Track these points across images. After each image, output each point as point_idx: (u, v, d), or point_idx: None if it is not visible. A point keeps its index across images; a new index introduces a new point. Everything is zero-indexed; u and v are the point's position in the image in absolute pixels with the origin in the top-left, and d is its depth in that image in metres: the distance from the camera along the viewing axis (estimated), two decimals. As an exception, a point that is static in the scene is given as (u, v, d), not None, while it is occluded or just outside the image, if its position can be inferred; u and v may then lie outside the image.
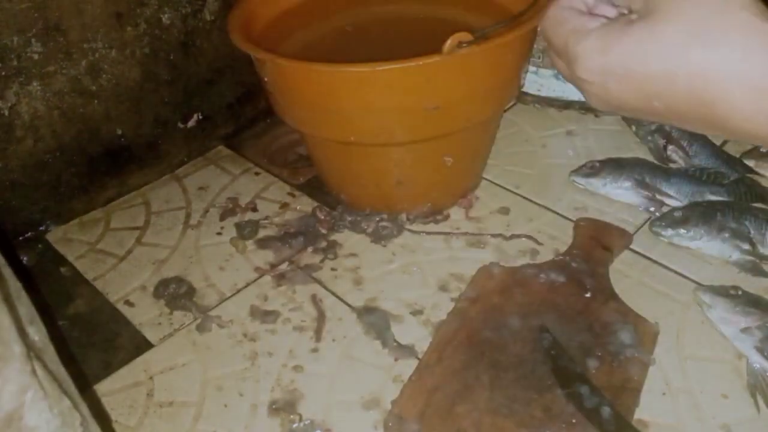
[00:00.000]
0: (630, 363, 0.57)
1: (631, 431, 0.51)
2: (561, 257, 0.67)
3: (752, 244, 0.66)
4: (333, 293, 0.67)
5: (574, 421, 0.52)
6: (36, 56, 0.68)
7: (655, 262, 0.68)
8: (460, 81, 0.60)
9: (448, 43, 0.55)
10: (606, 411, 0.52)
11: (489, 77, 0.62)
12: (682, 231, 0.68)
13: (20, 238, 0.75)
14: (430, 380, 0.56)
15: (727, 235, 0.67)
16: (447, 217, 0.74)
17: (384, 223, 0.73)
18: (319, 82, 0.61)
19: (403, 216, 0.73)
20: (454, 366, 0.57)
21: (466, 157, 0.73)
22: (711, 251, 0.68)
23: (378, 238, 0.72)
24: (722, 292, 0.61)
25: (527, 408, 0.53)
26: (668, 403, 0.55)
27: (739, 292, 0.61)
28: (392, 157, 0.68)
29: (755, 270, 0.66)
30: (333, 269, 0.69)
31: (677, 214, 0.69)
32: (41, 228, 0.76)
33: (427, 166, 0.70)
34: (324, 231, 0.74)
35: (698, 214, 0.68)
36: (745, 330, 0.58)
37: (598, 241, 0.68)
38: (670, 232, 0.68)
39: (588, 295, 0.62)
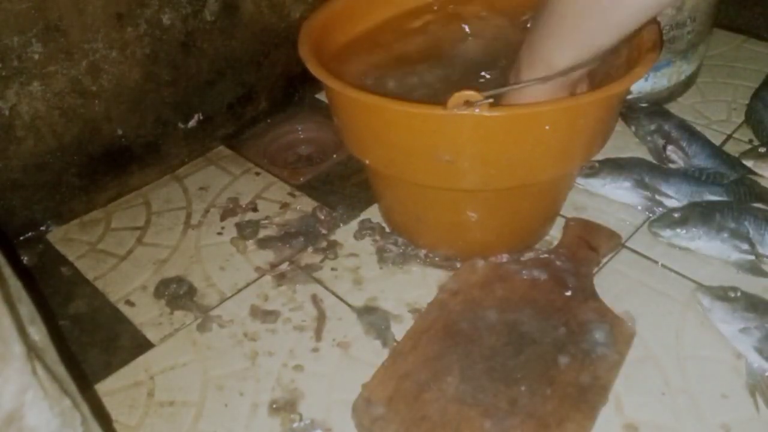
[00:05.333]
0: (600, 361, 0.57)
1: None
2: (546, 255, 0.67)
3: (751, 244, 0.66)
4: (333, 293, 0.67)
5: (537, 414, 0.53)
6: (36, 56, 0.68)
7: (655, 262, 0.68)
8: (470, 139, 0.55)
9: (451, 99, 0.52)
10: None
11: (508, 144, 0.56)
12: (680, 231, 0.68)
13: (21, 238, 0.75)
14: (402, 367, 0.57)
15: (726, 235, 0.67)
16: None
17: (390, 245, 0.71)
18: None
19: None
20: (427, 354, 0.58)
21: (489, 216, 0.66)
22: (710, 251, 0.68)
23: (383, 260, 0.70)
24: (721, 294, 0.61)
25: (493, 399, 0.54)
26: (668, 403, 0.56)
27: (738, 294, 0.61)
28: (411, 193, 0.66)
29: (754, 270, 0.66)
30: (333, 269, 0.69)
31: (676, 214, 0.69)
32: (42, 228, 0.76)
33: (444, 212, 0.66)
34: (324, 231, 0.74)
35: (697, 215, 0.68)
36: (743, 330, 0.58)
37: (585, 241, 0.68)
38: (668, 232, 0.68)
39: (568, 293, 0.63)
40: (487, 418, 0.53)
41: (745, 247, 0.66)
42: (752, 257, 0.66)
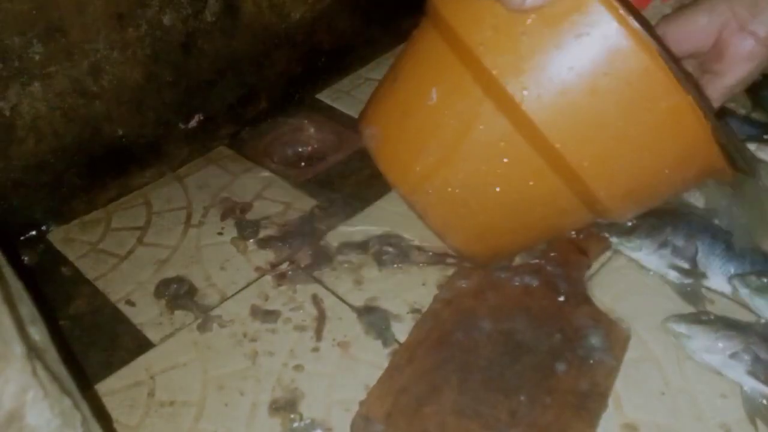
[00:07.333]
0: (598, 367, 0.57)
1: None
2: (536, 261, 0.67)
3: (695, 265, 0.64)
4: (333, 293, 0.67)
5: (538, 424, 0.53)
6: (37, 57, 0.68)
7: (655, 262, 0.68)
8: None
9: None
10: None
11: None
12: (625, 240, 0.67)
13: (21, 238, 0.75)
14: (398, 381, 0.56)
15: (667, 251, 0.65)
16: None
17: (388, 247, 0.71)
18: None
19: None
20: (424, 367, 0.57)
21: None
22: (649, 264, 0.66)
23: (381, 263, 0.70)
24: (695, 320, 0.59)
25: (493, 410, 0.54)
26: (667, 403, 0.56)
27: (711, 317, 0.60)
28: None
29: (689, 295, 0.63)
30: (333, 269, 0.69)
31: (629, 223, 0.67)
32: (42, 228, 0.76)
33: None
34: (325, 231, 0.74)
35: (647, 226, 0.67)
36: (733, 356, 0.56)
37: (575, 245, 0.68)
38: (615, 239, 0.68)
39: (561, 299, 0.63)
40: (487, 430, 0.52)
41: (686, 266, 0.64)
42: (692, 279, 0.64)
